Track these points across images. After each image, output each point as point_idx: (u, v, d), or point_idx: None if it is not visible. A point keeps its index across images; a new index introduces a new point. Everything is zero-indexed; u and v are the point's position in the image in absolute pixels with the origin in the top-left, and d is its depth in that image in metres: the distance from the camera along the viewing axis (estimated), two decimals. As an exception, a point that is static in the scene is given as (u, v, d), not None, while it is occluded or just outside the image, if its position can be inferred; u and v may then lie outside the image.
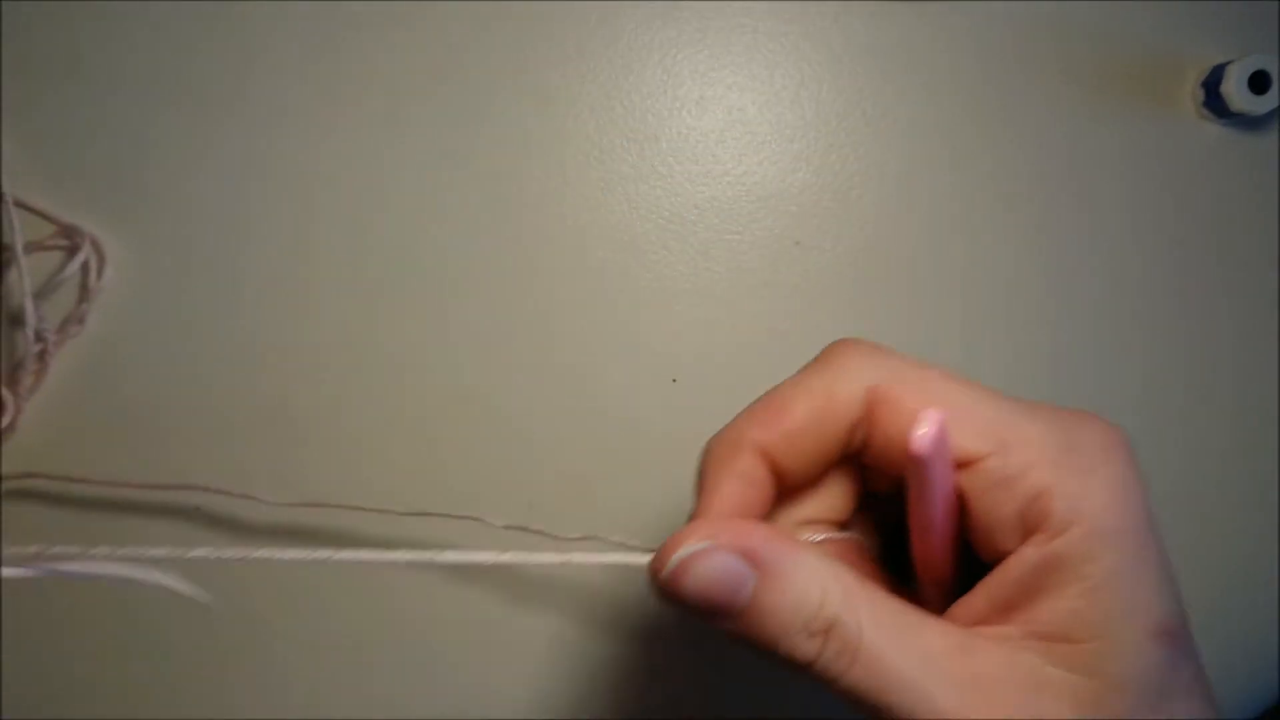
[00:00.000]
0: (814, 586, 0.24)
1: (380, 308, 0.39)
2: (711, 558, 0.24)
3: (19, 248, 0.37)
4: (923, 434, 0.22)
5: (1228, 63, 0.40)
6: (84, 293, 0.38)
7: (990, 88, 0.41)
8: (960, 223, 0.41)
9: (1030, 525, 0.24)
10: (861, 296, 0.40)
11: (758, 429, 0.26)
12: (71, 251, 0.38)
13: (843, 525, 0.28)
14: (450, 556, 0.26)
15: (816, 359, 0.26)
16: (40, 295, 0.37)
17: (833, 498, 0.27)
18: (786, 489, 0.27)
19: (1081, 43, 0.41)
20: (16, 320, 0.37)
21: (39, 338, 0.37)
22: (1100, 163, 0.41)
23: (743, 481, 0.26)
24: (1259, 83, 0.39)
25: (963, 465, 0.24)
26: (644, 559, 0.25)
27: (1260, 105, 0.39)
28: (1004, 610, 0.24)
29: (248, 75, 0.39)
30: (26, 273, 0.37)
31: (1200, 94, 0.41)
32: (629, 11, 0.40)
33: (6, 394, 0.37)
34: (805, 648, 0.23)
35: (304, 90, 0.39)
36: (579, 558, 0.26)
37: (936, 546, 0.25)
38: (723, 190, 0.40)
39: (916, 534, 0.25)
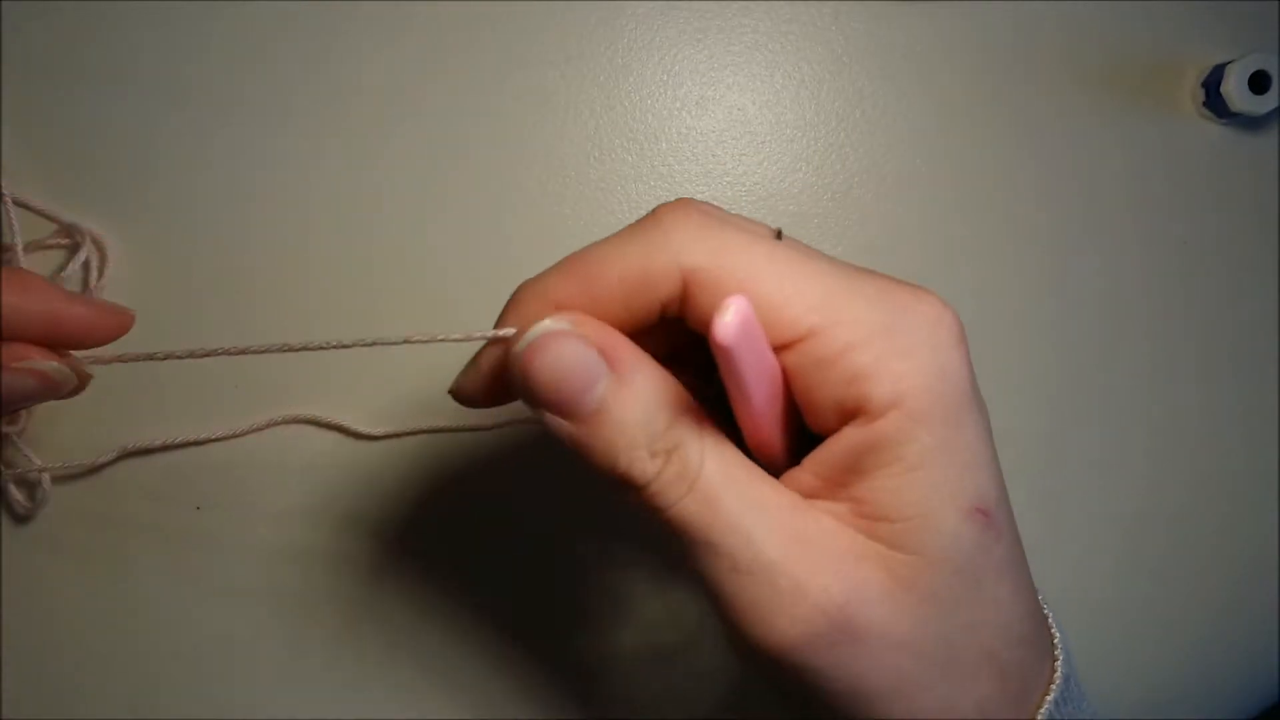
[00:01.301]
0: (664, 404, 0.23)
1: (379, 307, 0.39)
2: (569, 342, 0.23)
3: (19, 247, 0.37)
4: (725, 323, 0.21)
5: (1228, 63, 0.40)
6: (86, 291, 0.38)
7: (990, 88, 0.41)
8: (960, 222, 0.41)
9: (850, 408, 0.24)
10: (861, 296, 0.40)
11: (568, 287, 0.25)
12: (73, 250, 0.38)
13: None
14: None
15: (645, 219, 0.25)
16: (41, 295, 0.37)
17: (656, 346, 0.26)
18: None
19: (1081, 43, 0.41)
20: (17, 319, 0.37)
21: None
22: (1100, 162, 0.41)
23: None
24: (1259, 83, 0.39)
25: (782, 348, 0.24)
26: (509, 332, 0.25)
27: (1260, 105, 0.39)
28: (831, 487, 0.24)
29: (249, 74, 0.39)
30: (27, 272, 0.37)
31: (1200, 94, 0.41)
32: (629, 11, 0.40)
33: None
34: (645, 466, 0.23)
35: (303, 90, 0.39)
36: (449, 335, 0.26)
37: (760, 427, 0.24)
38: (723, 190, 0.40)
39: (739, 413, 0.24)
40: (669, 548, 0.24)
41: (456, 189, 0.39)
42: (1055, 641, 0.27)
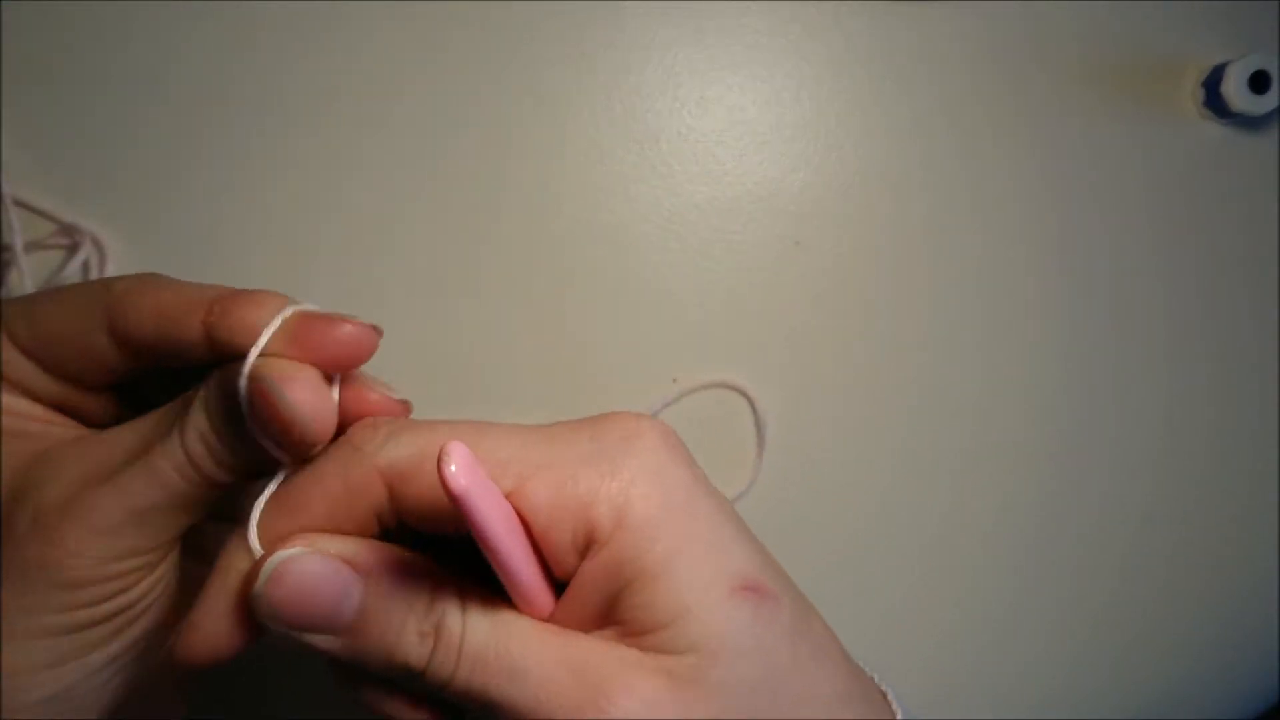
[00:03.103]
0: (422, 587, 0.24)
1: (380, 307, 0.39)
2: (308, 562, 0.23)
3: (19, 247, 0.37)
4: (452, 471, 0.21)
5: (1228, 63, 0.40)
6: (84, 292, 0.38)
7: (990, 87, 0.41)
8: (959, 222, 0.41)
9: (581, 541, 0.24)
10: (861, 297, 0.40)
11: (277, 525, 0.24)
12: (72, 250, 0.38)
13: None
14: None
15: (335, 444, 0.25)
16: (41, 295, 0.38)
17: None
18: None
19: (1082, 43, 0.41)
20: (17, 320, 0.37)
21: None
22: (1100, 162, 0.41)
23: None
24: (1259, 83, 0.39)
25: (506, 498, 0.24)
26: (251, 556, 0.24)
27: (1260, 105, 0.39)
28: (591, 623, 0.24)
29: (249, 75, 0.39)
30: (27, 272, 0.37)
31: (1200, 94, 0.41)
32: (629, 11, 0.40)
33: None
34: (418, 652, 0.23)
35: (303, 90, 0.39)
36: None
37: (517, 575, 0.24)
38: (723, 190, 0.40)
39: (495, 566, 0.24)
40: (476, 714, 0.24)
41: (456, 188, 0.39)
42: (890, 703, 0.26)
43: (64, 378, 0.26)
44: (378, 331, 0.25)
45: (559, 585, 0.25)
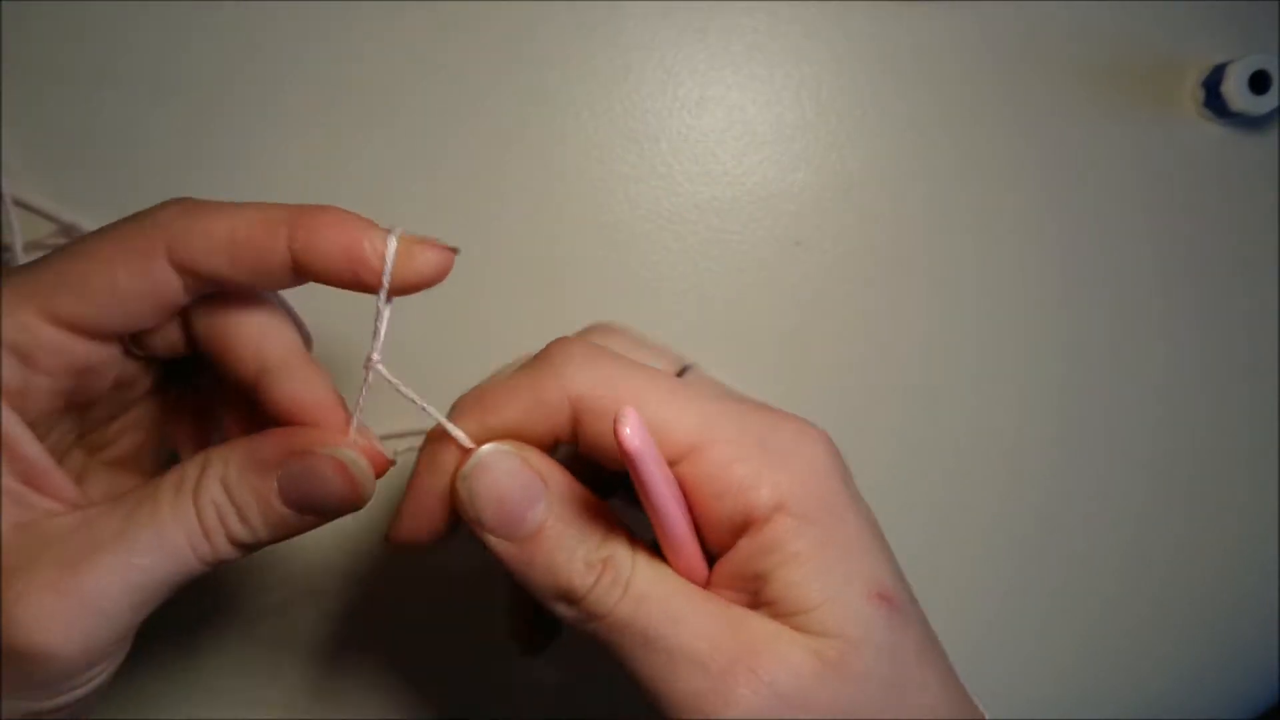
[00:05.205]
0: (598, 520, 0.25)
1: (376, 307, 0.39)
2: (511, 464, 0.25)
3: (19, 247, 0.37)
4: (629, 432, 0.22)
5: (1228, 63, 0.40)
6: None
7: (990, 87, 0.41)
8: (960, 222, 0.41)
9: (739, 521, 0.25)
10: (861, 296, 0.40)
11: (468, 426, 0.26)
12: (72, 251, 0.38)
13: None
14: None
15: (536, 357, 0.27)
16: (40, 295, 0.37)
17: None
18: None
19: (1082, 43, 0.41)
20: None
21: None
22: (1100, 162, 0.41)
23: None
24: (1259, 83, 0.39)
25: (670, 465, 0.25)
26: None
27: (1260, 105, 0.39)
28: (741, 598, 0.25)
29: (249, 75, 0.39)
30: (27, 272, 0.37)
31: (1200, 94, 0.41)
32: (629, 11, 0.40)
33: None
34: (584, 577, 0.25)
35: (302, 90, 0.39)
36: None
37: (676, 536, 0.25)
38: (723, 190, 0.40)
39: (655, 526, 0.25)
40: (610, 658, 0.25)
41: (456, 189, 0.39)
42: None
43: (118, 333, 0.26)
44: (455, 252, 0.27)
45: (710, 562, 0.26)
